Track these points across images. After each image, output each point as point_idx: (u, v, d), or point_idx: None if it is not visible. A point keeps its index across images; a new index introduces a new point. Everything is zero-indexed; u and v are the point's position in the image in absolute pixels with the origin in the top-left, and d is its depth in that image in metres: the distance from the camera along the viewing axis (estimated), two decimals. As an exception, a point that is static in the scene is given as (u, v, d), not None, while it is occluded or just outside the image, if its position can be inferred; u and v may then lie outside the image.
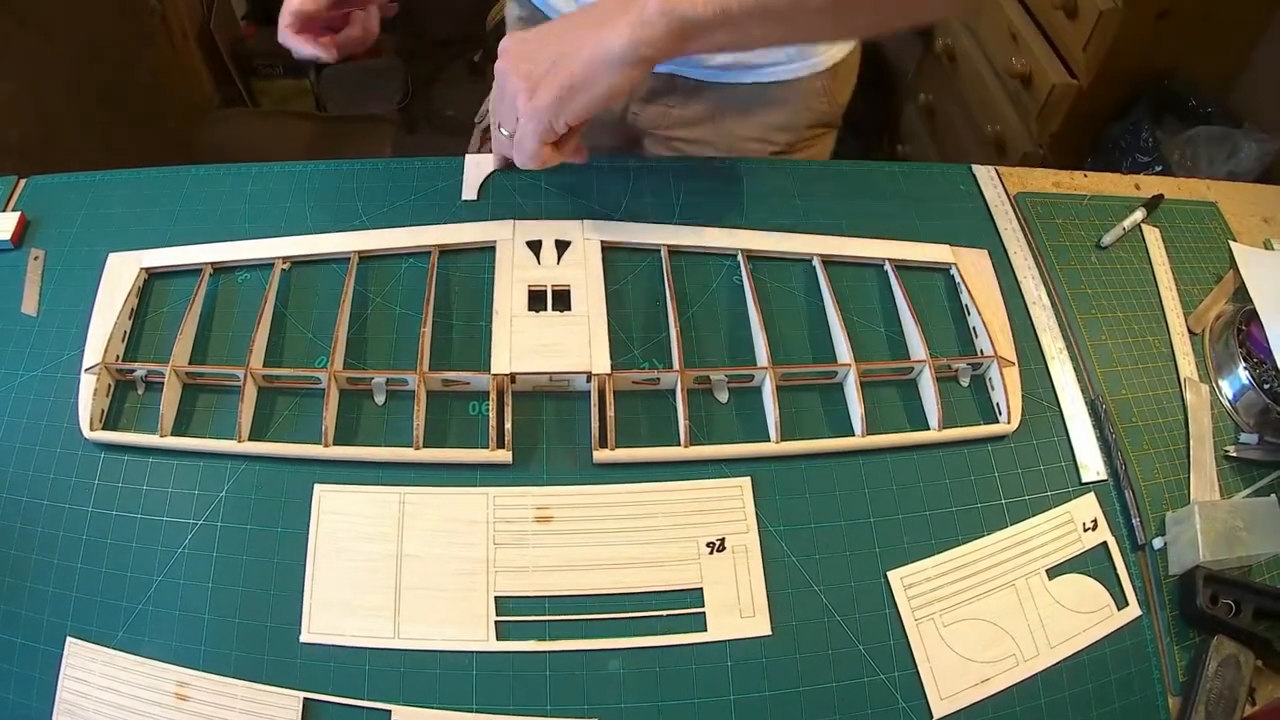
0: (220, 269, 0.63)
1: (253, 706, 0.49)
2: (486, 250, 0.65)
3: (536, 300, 0.61)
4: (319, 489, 0.55)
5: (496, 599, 0.52)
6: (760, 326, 0.61)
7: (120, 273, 0.62)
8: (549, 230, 0.64)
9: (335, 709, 0.49)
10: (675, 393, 0.58)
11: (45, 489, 0.54)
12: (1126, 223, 0.73)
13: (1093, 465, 0.61)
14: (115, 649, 0.50)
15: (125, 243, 0.64)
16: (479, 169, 0.70)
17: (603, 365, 0.58)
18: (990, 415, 0.61)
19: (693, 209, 0.69)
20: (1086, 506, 0.59)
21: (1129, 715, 0.54)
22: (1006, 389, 0.61)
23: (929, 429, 0.60)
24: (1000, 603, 0.55)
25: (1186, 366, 0.67)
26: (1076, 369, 0.65)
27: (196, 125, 1.71)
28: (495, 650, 0.51)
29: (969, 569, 0.56)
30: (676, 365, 0.59)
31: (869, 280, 0.67)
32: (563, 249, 0.64)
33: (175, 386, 0.57)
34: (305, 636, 0.51)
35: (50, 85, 1.29)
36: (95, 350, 0.58)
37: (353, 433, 0.57)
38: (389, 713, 0.49)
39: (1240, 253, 0.73)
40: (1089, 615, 0.56)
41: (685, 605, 0.53)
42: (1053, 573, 0.56)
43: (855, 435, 0.58)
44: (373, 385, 0.58)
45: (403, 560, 0.53)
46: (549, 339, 0.59)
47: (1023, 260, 0.70)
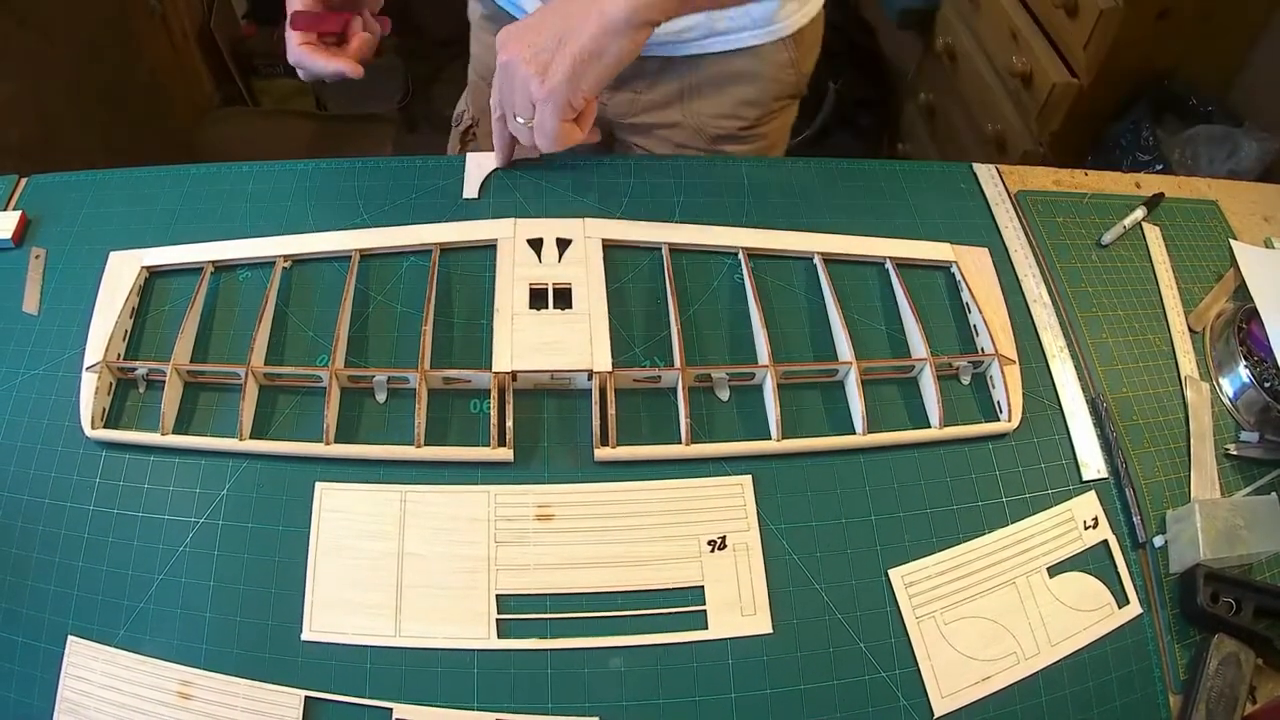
0: (221, 267, 0.63)
1: (254, 705, 0.49)
2: (488, 248, 0.65)
3: (538, 298, 0.61)
4: (320, 487, 0.55)
5: (498, 597, 0.52)
6: (761, 324, 0.61)
7: (121, 271, 0.62)
8: (550, 228, 0.64)
9: (337, 707, 0.49)
10: (676, 391, 0.58)
11: (47, 487, 0.54)
12: (1127, 221, 0.73)
13: (1093, 463, 0.61)
14: (117, 647, 0.50)
15: (126, 241, 0.64)
16: (480, 167, 0.70)
17: (604, 363, 0.58)
18: (991, 413, 0.62)
19: (694, 207, 0.69)
20: (1087, 504, 0.59)
21: (1130, 713, 0.54)
22: (1007, 387, 0.61)
23: (930, 427, 0.60)
24: (1001, 601, 0.55)
25: (1187, 365, 0.67)
26: (1077, 367, 0.65)
27: (196, 125, 1.71)
28: (496, 648, 0.51)
29: (970, 567, 0.56)
30: (678, 363, 0.59)
31: (870, 278, 0.67)
32: (564, 247, 0.64)
33: (176, 385, 0.57)
34: (307, 635, 0.51)
35: (50, 85, 1.29)
36: (96, 349, 0.58)
37: (354, 431, 0.57)
38: (390, 710, 0.49)
39: (1241, 251, 0.73)
40: (1090, 613, 0.56)
41: (686, 603, 0.53)
42: (1053, 571, 0.57)
43: (856, 433, 0.58)
44: (374, 383, 0.58)
45: (404, 558, 0.53)
46: (550, 337, 0.59)
47: (1023, 258, 0.70)
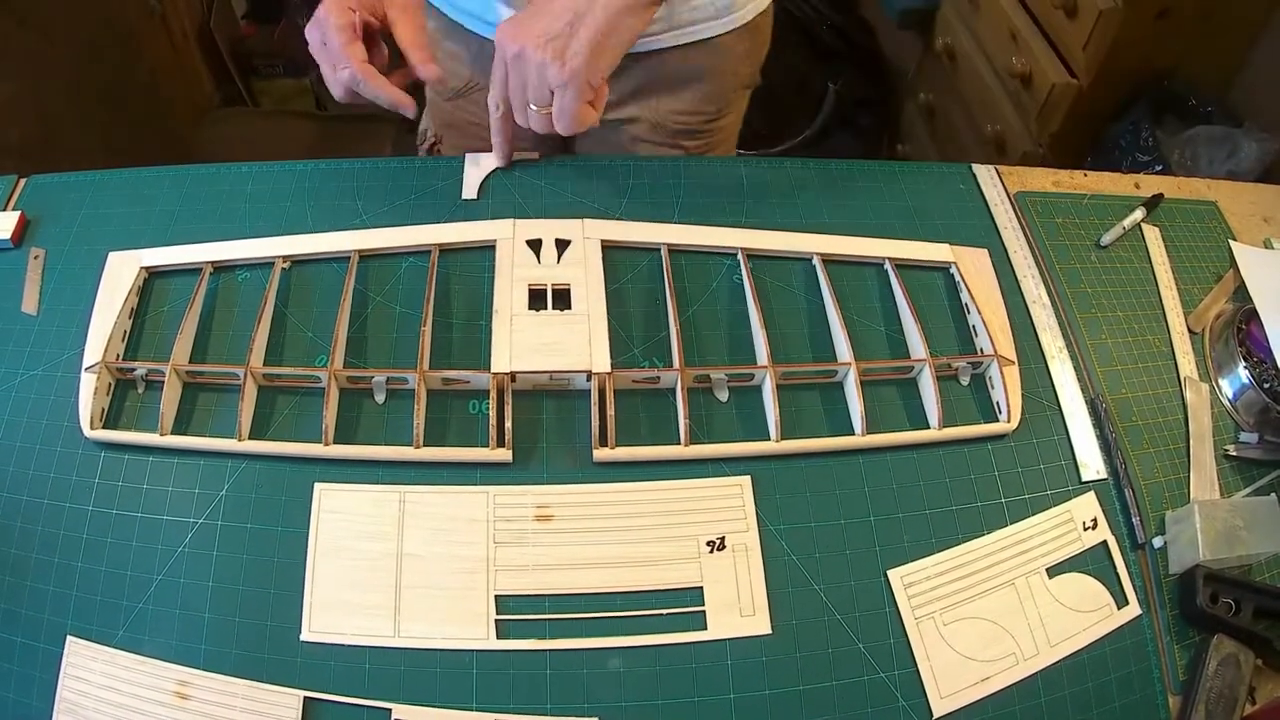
0: (220, 268, 0.63)
1: (253, 705, 0.49)
2: (486, 249, 0.65)
3: (536, 299, 0.61)
4: (319, 488, 0.55)
5: (496, 598, 0.52)
6: (760, 325, 0.61)
7: (120, 272, 0.62)
8: (549, 229, 0.64)
9: (336, 708, 0.49)
10: (675, 391, 0.58)
11: (46, 488, 0.54)
12: (1126, 222, 0.73)
13: (1093, 464, 0.61)
14: (116, 648, 0.50)
15: (125, 242, 0.64)
16: (479, 168, 0.70)
17: (603, 364, 0.58)
18: (990, 414, 0.61)
19: (693, 208, 0.69)
20: (1086, 505, 0.59)
21: (1129, 714, 0.54)
22: (1006, 388, 0.61)
23: (929, 428, 0.60)
24: (1000, 601, 0.55)
25: (1186, 365, 0.67)
26: (1076, 368, 0.65)
27: (196, 125, 1.71)
28: (495, 649, 0.51)
29: (969, 568, 0.56)
30: (676, 364, 0.59)
31: (869, 279, 0.67)
32: (563, 248, 0.64)
33: (175, 385, 0.57)
34: (306, 635, 0.51)
35: (50, 85, 1.29)
36: (95, 349, 0.58)
37: (353, 431, 0.57)
38: (389, 711, 0.49)
39: (1240, 252, 0.73)
40: (1089, 614, 0.56)
41: (685, 604, 0.53)
42: (1053, 571, 0.56)
43: (855, 434, 0.58)
44: (373, 384, 0.58)
45: (403, 559, 0.53)
46: (549, 338, 0.59)
47: (1022, 259, 0.70)
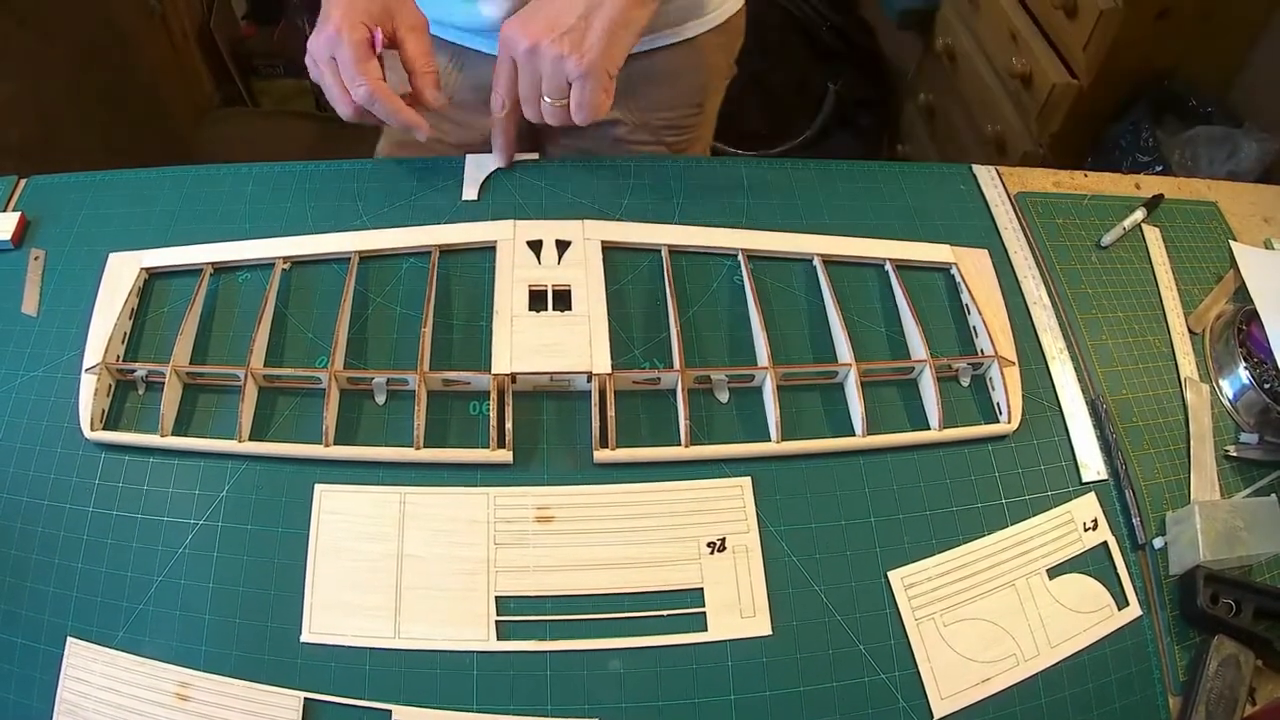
0: (220, 269, 0.63)
1: (253, 706, 0.49)
2: (487, 250, 0.65)
3: (537, 300, 0.61)
4: (319, 489, 0.55)
5: (497, 599, 0.52)
6: (761, 326, 0.61)
7: (120, 273, 0.62)
8: (549, 230, 0.64)
9: (336, 709, 0.49)
10: (676, 392, 0.58)
11: (46, 489, 0.54)
12: (1127, 222, 0.73)
13: (1093, 465, 0.61)
14: (116, 649, 0.50)
15: (125, 243, 0.64)
16: (479, 169, 0.70)
17: (603, 365, 0.58)
18: (991, 415, 0.61)
19: (693, 209, 0.69)
20: (1087, 506, 0.59)
21: (1129, 715, 0.54)
22: (1007, 389, 0.61)
23: (929, 429, 0.60)
24: (1001, 602, 0.55)
25: (1187, 366, 0.67)
26: (1077, 369, 0.65)
27: (196, 125, 1.71)
28: (496, 650, 0.51)
29: (969, 569, 0.56)
30: (677, 365, 0.59)
31: (869, 280, 0.67)
32: (563, 249, 0.64)
33: (176, 386, 0.57)
34: (306, 636, 0.51)
35: (50, 85, 1.29)
36: (95, 350, 0.58)
37: (353, 433, 0.57)
38: (389, 712, 0.49)
39: (1240, 252, 0.73)
40: (1089, 615, 0.56)
41: (686, 605, 0.53)
42: (1053, 572, 0.56)
43: (856, 435, 0.58)
44: (373, 385, 0.58)
45: (403, 560, 0.53)
46: (549, 339, 0.59)
47: (1023, 260, 0.70)
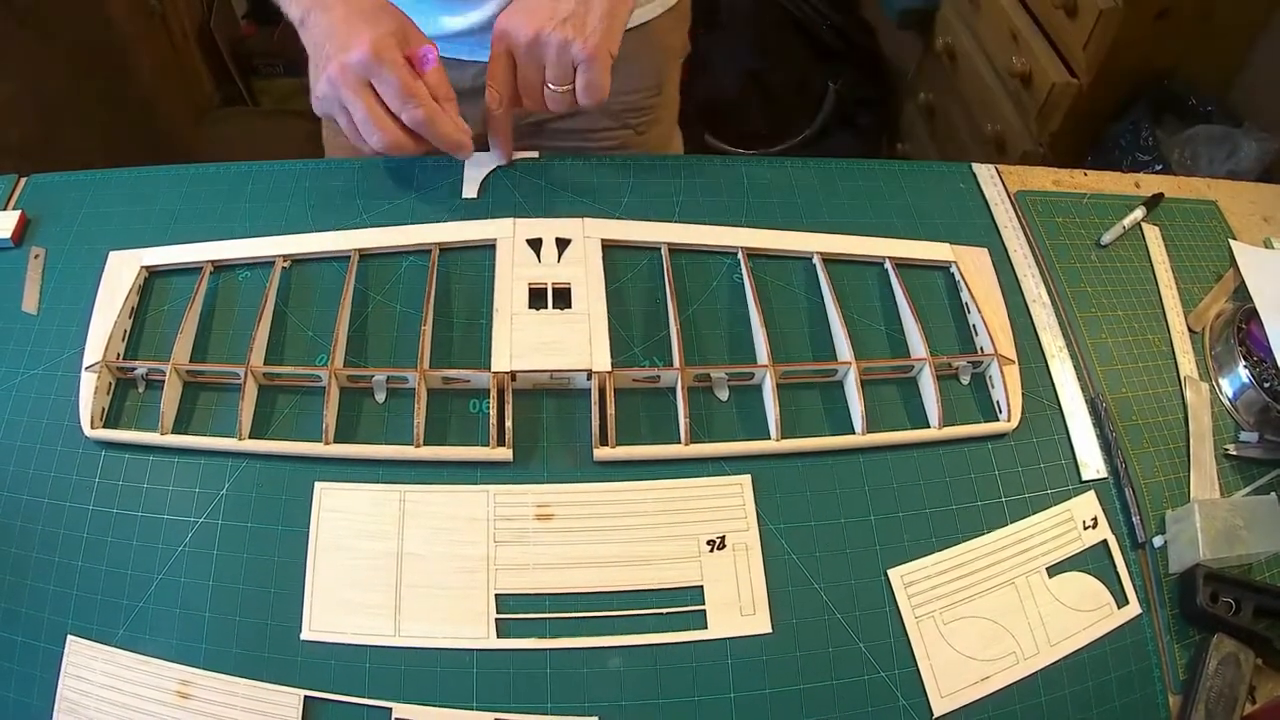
0: (221, 267, 0.63)
1: (254, 704, 0.49)
2: (487, 248, 0.65)
3: (537, 298, 0.61)
4: (319, 487, 0.55)
5: (497, 596, 0.52)
6: (761, 324, 0.61)
7: (120, 271, 0.62)
8: (549, 228, 0.64)
9: (336, 707, 0.49)
10: (676, 390, 0.58)
11: (46, 487, 0.54)
12: (1126, 221, 0.73)
13: (1093, 463, 0.61)
14: (116, 647, 0.50)
15: (126, 241, 0.64)
16: (479, 167, 0.70)
17: (603, 363, 0.58)
18: (990, 413, 0.61)
19: (693, 207, 0.69)
20: (1086, 504, 0.59)
21: (1129, 713, 0.54)
22: (1006, 387, 0.61)
23: (929, 427, 0.60)
24: (1000, 601, 0.55)
25: (1186, 365, 0.67)
26: (1076, 367, 0.65)
27: (196, 125, 1.71)
28: (496, 648, 0.51)
29: (969, 567, 0.56)
30: (677, 363, 0.59)
31: (869, 278, 0.67)
32: (563, 247, 0.64)
33: (176, 384, 0.57)
34: (306, 634, 0.51)
35: (50, 85, 1.30)
36: (96, 348, 0.58)
37: (353, 430, 0.57)
38: (389, 710, 0.49)
39: (1240, 251, 0.73)
40: (1089, 613, 0.56)
41: (685, 603, 0.53)
42: (1053, 571, 0.56)
43: (855, 433, 0.58)
44: (373, 383, 0.58)
45: (403, 558, 0.53)
46: (549, 337, 0.59)
47: (1023, 258, 0.70)
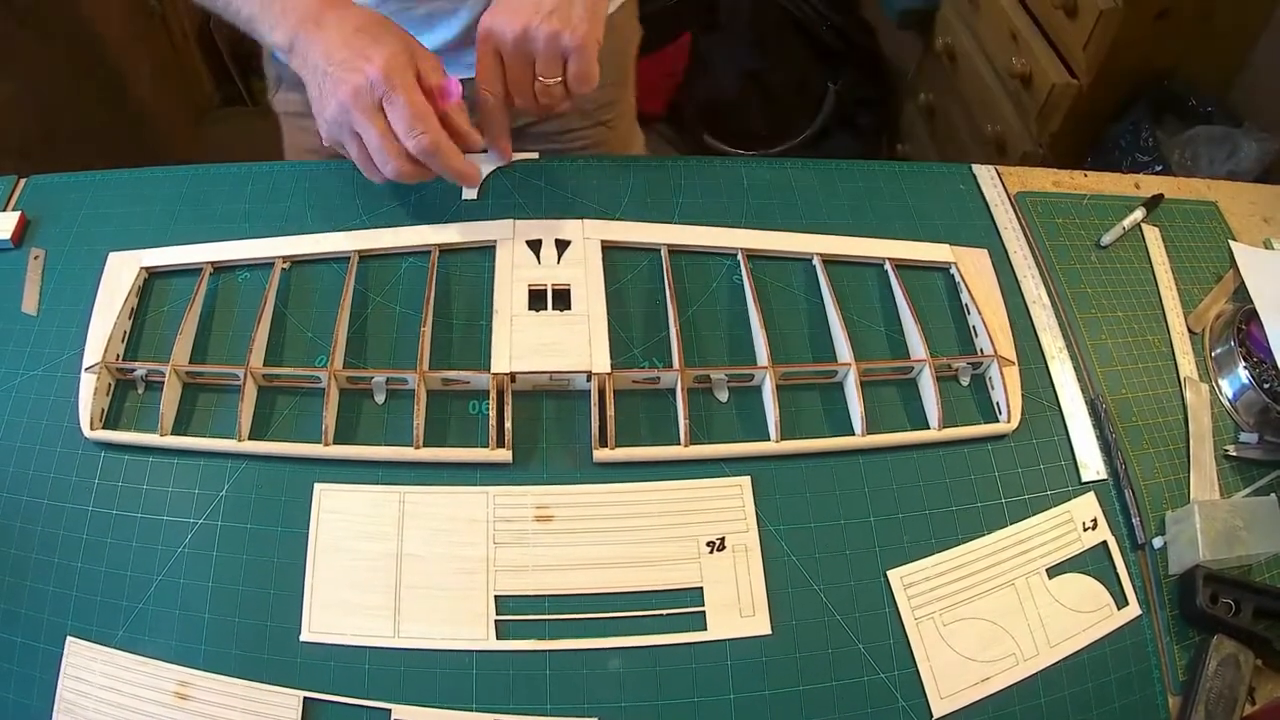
0: (220, 268, 0.63)
1: (253, 705, 0.49)
2: (486, 249, 0.65)
3: (536, 299, 0.61)
4: (319, 488, 0.55)
5: (496, 598, 0.52)
6: (760, 326, 0.61)
7: (120, 272, 0.62)
8: (549, 229, 0.64)
9: (335, 708, 0.49)
10: (675, 392, 0.58)
11: (45, 488, 0.54)
12: (1126, 222, 0.73)
13: (1092, 464, 0.61)
14: (115, 648, 0.50)
15: (125, 242, 0.64)
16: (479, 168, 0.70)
17: (603, 364, 0.58)
18: (990, 414, 0.61)
19: (693, 208, 0.69)
20: (1086, 506, 0.59)
21: (1129, 714, 0.54)
22: (1006, 388, 0.61)
23: (929, 428, 0.60)
24: (1000, 602, 0.55)
25: (1186, 366, 0.67)
26: (1076, 368, 0.65)
27: (196, 125, 1.71)
28: (495, 649, 0.51)
29: (969, 568, 0.56)
30: (676, 364, 0.59)
31: (869, 280, 0.67)
32: (563, 248, 0.64)
33: (175, 386, 0.57)
34: (305, 635, 0.51)
35: (50, 85, 1.30)
36: (95, 349, 0.58)
37: (353, 432, 0.57)
38: (389, 711, 0.49)
39: (1240, 252, 0.73)
40: (1089, 614, 0.56)
41: (685, 604, 0.53)
42: (1052, 572, 0.56)
43: (855, 434, 0.58)
44: (373, 384, 0.58)
45: (403, 559, 0.53)
46: (549, 338, 0.59)
47: (1023, 259, 0.70)
